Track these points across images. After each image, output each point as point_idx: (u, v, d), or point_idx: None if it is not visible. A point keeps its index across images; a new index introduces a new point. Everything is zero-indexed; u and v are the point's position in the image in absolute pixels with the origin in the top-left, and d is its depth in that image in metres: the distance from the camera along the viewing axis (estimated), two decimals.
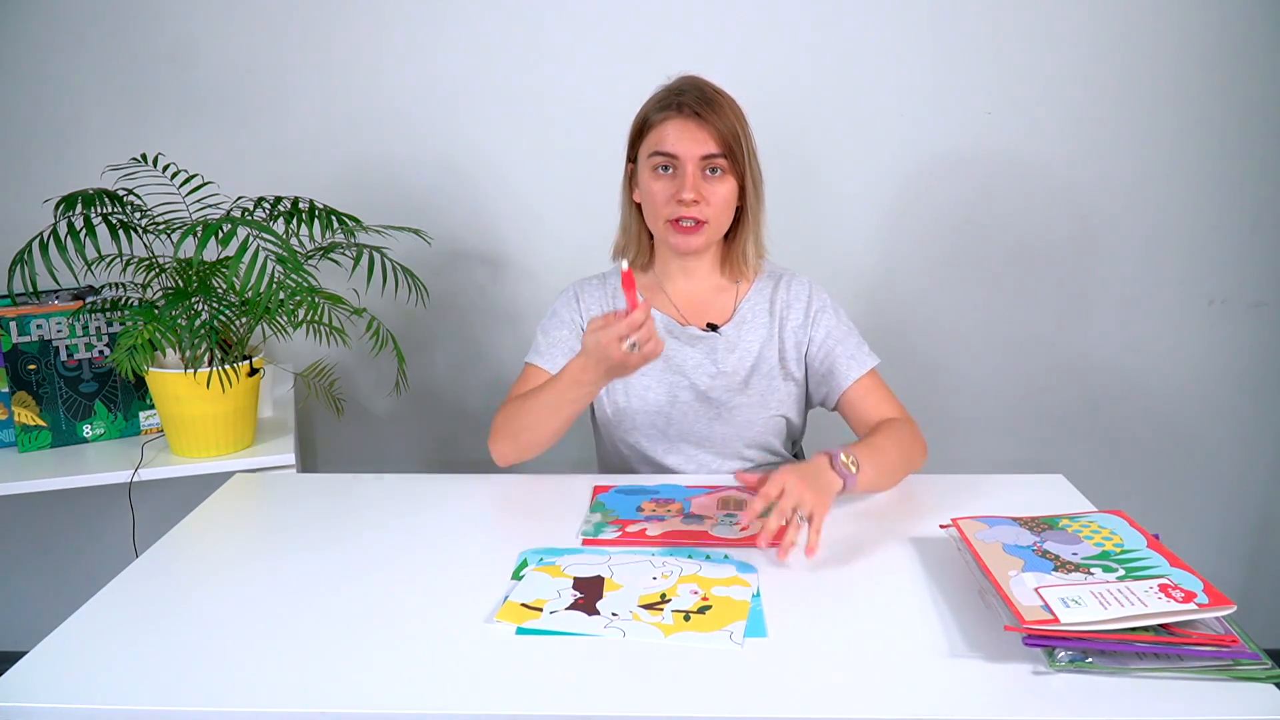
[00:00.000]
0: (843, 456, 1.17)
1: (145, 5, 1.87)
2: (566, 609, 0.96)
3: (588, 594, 0.99)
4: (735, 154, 1.33)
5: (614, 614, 0.94)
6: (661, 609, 0.95)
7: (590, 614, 0.95)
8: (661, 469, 1.45)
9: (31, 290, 1.46)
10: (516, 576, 1.03)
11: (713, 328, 1.44)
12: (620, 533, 1.15)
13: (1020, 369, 2.10)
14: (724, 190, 1.34)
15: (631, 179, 1.42)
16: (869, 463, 1.20)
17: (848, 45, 1.92)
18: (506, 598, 0.98)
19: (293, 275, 1.35)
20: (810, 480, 1.10)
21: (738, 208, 1.39)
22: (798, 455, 1.58)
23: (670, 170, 1.34)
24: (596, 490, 1.30)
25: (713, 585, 1.00)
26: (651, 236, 1.44)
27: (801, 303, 1.44)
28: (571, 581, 1.01)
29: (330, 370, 1.84)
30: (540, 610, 0.95)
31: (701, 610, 0.95)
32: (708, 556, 1.08)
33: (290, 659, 0.89)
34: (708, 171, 1.33)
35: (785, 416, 1.45)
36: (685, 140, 1.32)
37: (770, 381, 1.43)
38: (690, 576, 1.02)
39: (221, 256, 1.48)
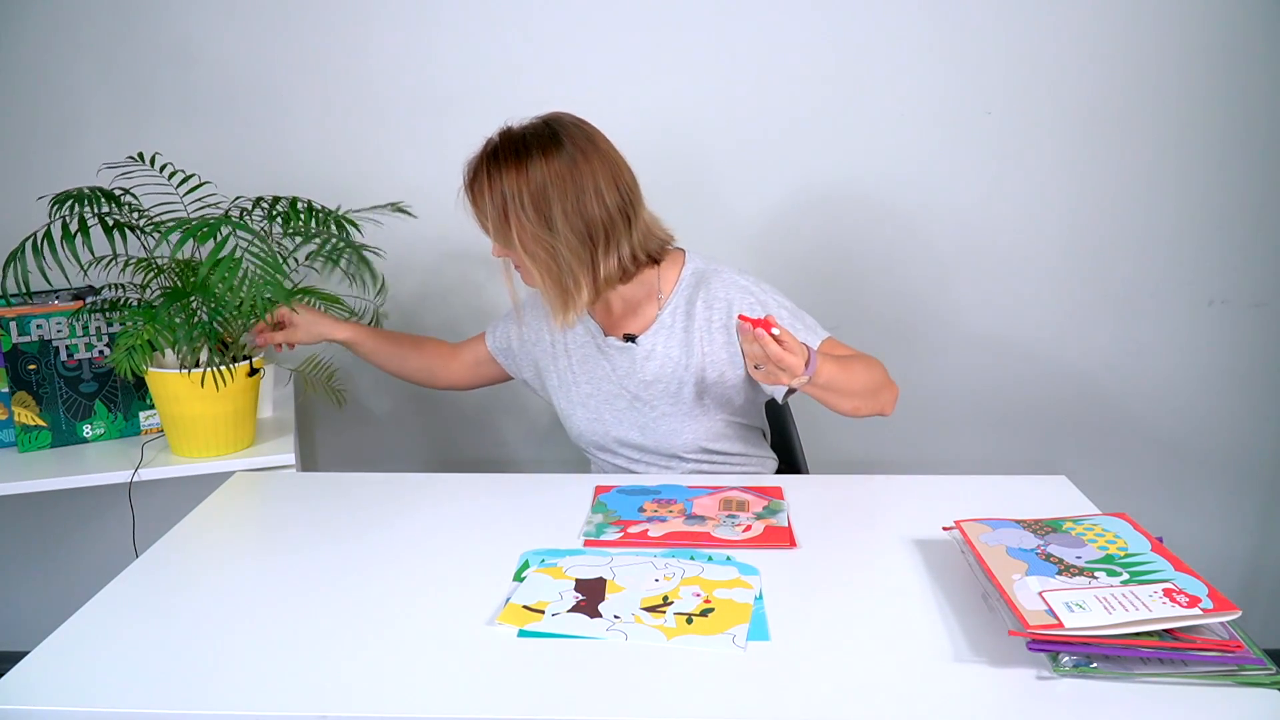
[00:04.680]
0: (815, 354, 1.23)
1: (145, 5, 1.87)
2: (569, 611, 0.95)
3: (590, 596, 0.98)
4: (504, 237, 1.34)
5: (616, 616, 0.94)
6: (664, 611, 0.95)
7: (592, 616, 0.94)
8: (614, 469, 1.49)
9: (24, 290, 1.44)
10: (518, 578, 1.03)
11: (630, 338, 1.44)
12: (622, 534, 1.15)
13: (1021, 369, 2.09)
14: (520, 258, 1.35)
15: None
16: (829, 362, 1.25)
17: (848, 46, 1.92)
18: (508, 599, 0.98)
19: (274, 276, 1.33)
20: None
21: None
22: (792, 457, 1.58)
23: None
24: (598, 491, 1.30)
25: (715, 587, 1.00)
26: None
27: (723, 304, 1.39)
28: (573, 583, 1.01)
29: (328, 363, 1.84)
30: (542, 612, 0.95)
31: (704, 613, 0.95)
32: (710, 558, 1.07)
33: (290, 660, 0.89)
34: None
35: (726, 419, 1.44)
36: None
37: (698, 388, 1.41)
38: (693, 578, 1.02)
39: (214, 257, 1.47)
